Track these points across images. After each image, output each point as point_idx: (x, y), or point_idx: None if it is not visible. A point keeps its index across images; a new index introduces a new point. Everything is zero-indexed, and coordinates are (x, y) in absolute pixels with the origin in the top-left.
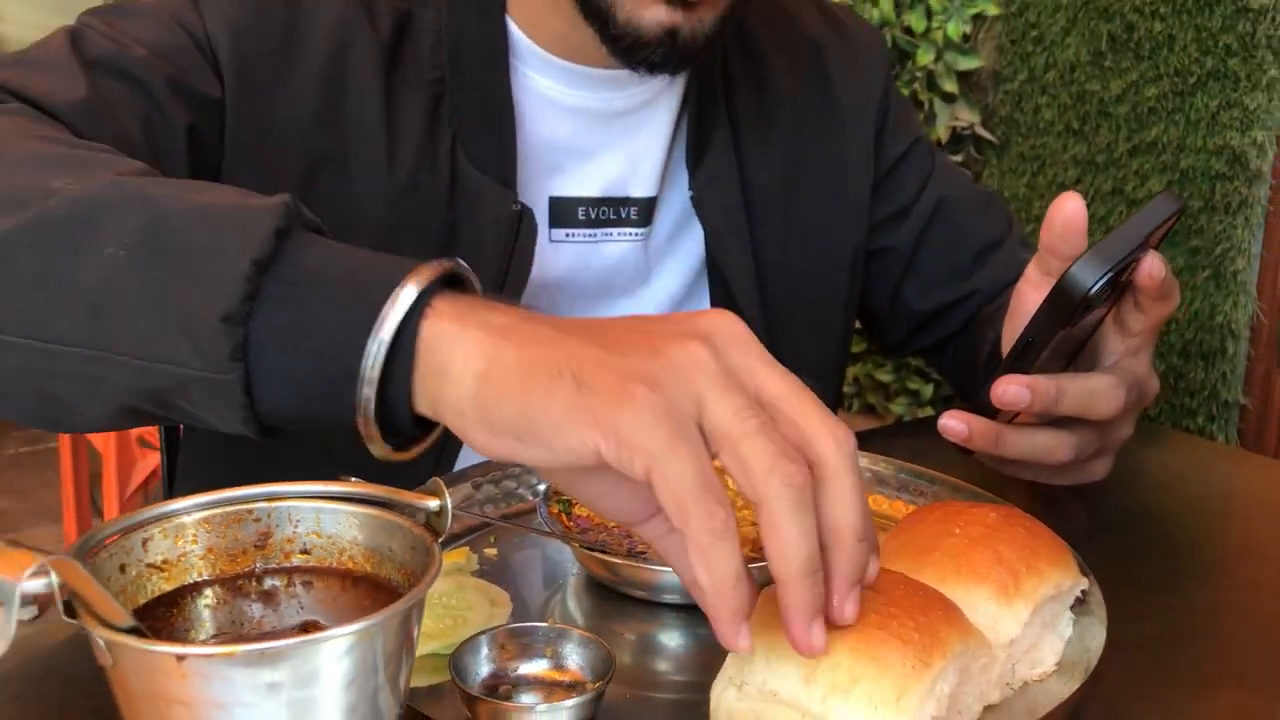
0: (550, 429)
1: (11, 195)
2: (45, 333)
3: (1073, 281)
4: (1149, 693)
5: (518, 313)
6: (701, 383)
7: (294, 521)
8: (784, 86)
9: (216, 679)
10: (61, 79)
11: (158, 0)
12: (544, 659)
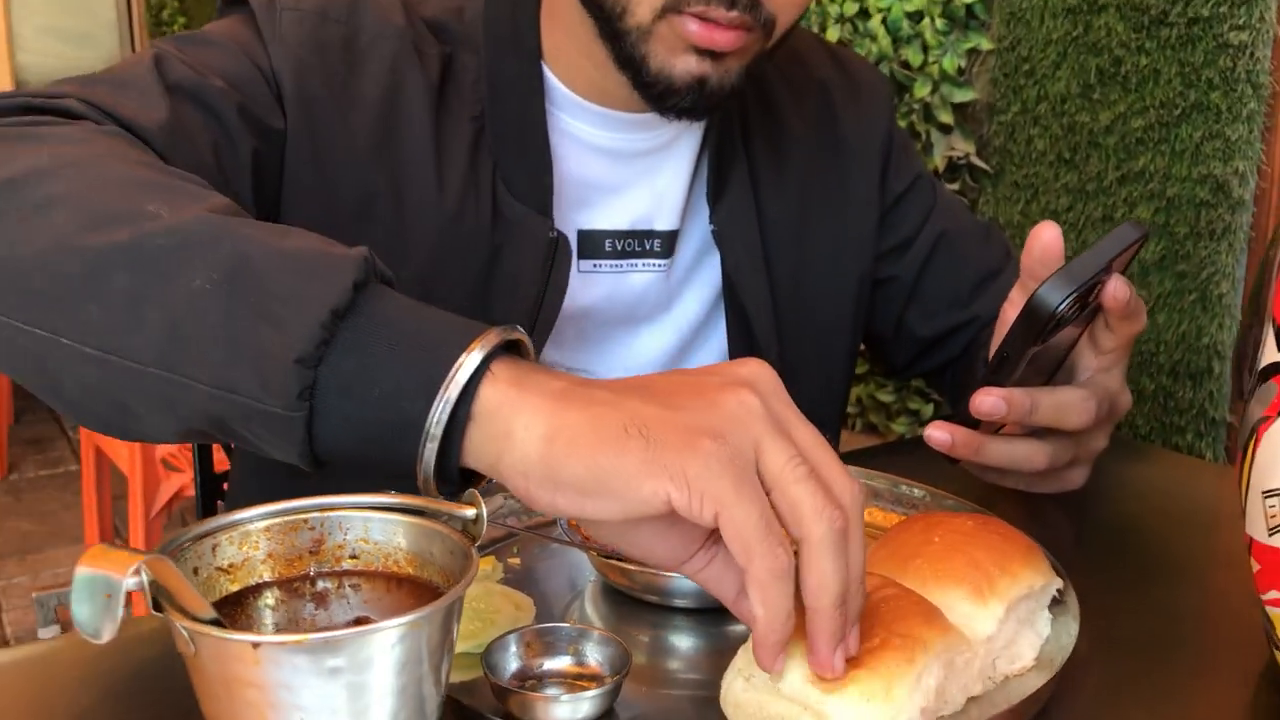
0: (623, 483)
1: (111, 214)
2: (126, 350)
3: (1041, 301)
4: (1121, 685)
5: (570, 378)
6: (757, 430)
7: (344, 529)
8: (795, 127)
9: (285, 664)
10: (146, 101)
11: (229, 33)
12: (567, 656)
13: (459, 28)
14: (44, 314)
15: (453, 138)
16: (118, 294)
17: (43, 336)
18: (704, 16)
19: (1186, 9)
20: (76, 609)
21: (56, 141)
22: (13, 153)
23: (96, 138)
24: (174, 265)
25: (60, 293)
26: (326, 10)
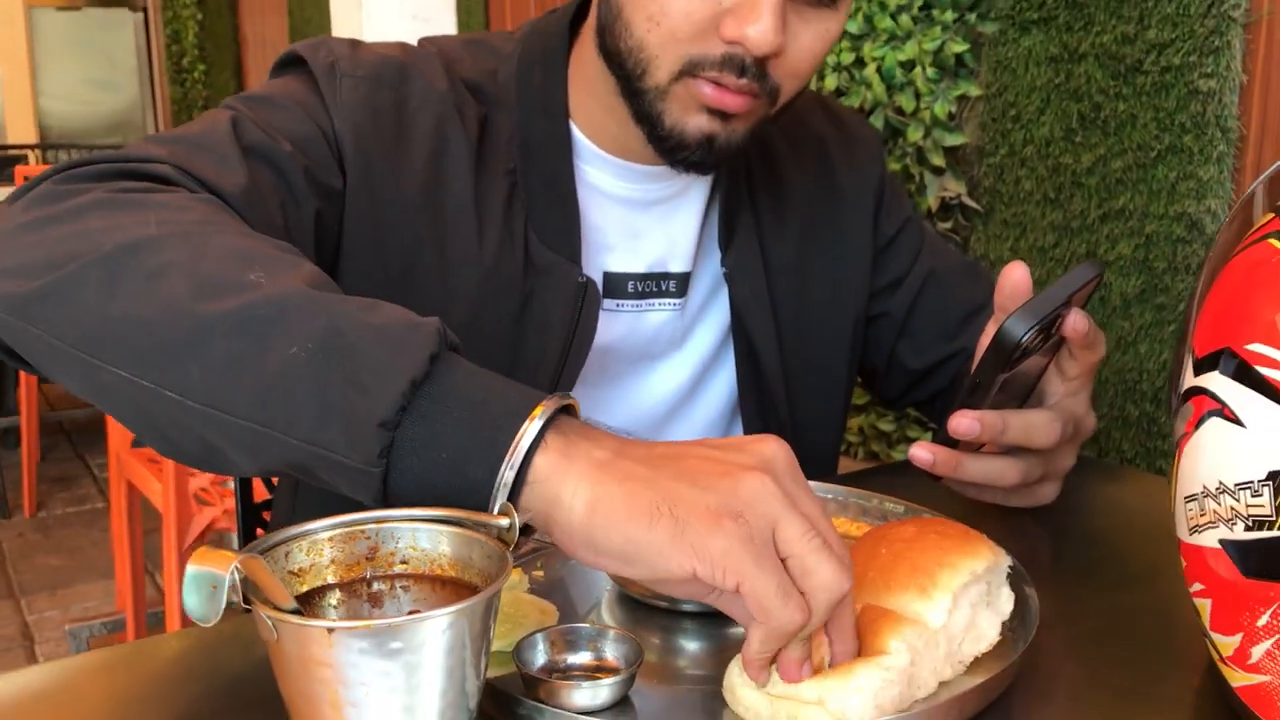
0: (655, 556)
1: (217, 283)
2: (224, 404)
3: (1006, 333)
4: (1081, 671)
5: (612, 444)
6: (774, 510)
7: (396, 538)
8: (795, 178)
9: (354, 647)
10: (225, 164)
11: (294, 95)
12: (587, 652)
13: (493, 89)
14: (152, 370)
15: (490, 192)
16: (220, 357)
17: (148, 388)
18: (717, 81)
19: (1160, 58)
20: (187, 599)
21: (159, 209)
22: (123, 220)
23: (194, 205)
24: (272, 332)
25: (169, 353)
26: (380, 76)
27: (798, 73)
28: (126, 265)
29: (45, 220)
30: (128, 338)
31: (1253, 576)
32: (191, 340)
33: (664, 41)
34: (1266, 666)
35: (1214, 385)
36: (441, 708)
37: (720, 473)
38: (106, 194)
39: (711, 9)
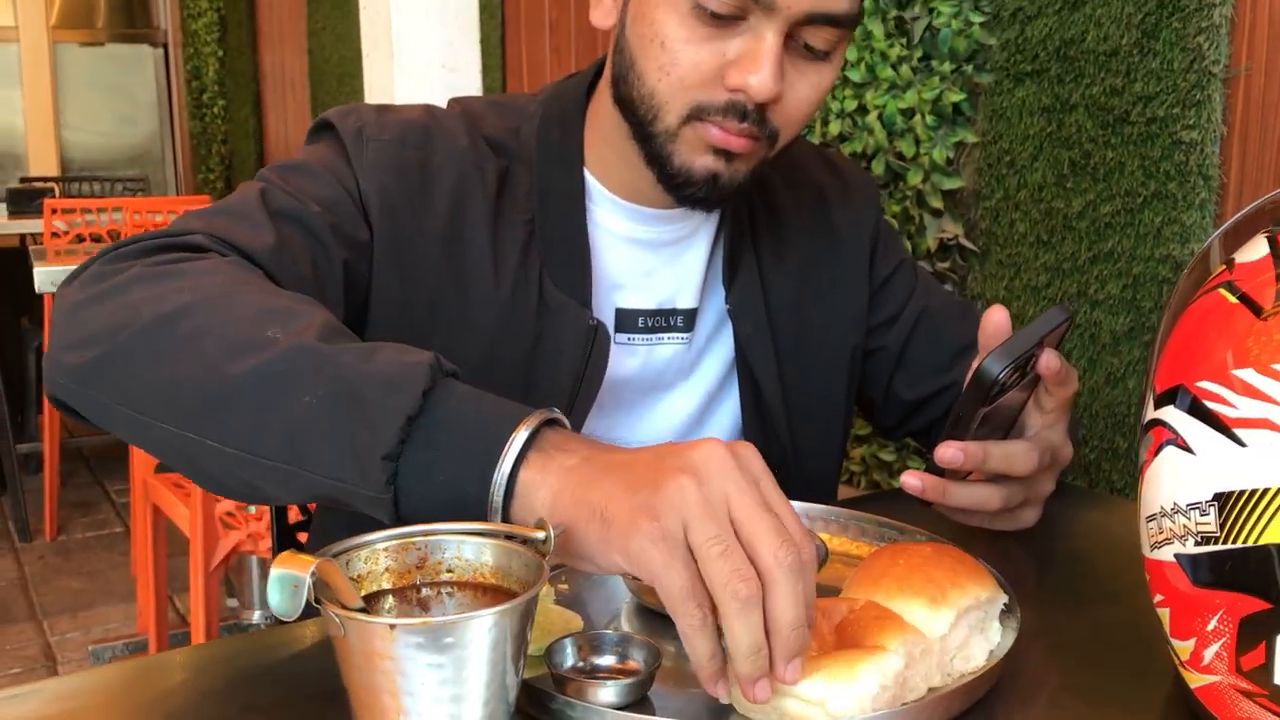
0: (591, 553)
1: (241, 344)
2: (255, 449)
3: (984, 370)
4: (1056, 676)
5: (584, 453)
6: (687, 512)
7: (443, 549)
8: (795, 222)
9: (412, 642)
10: (256, 229)
11: (322, 160)
12: (611, 655)
13: (514, 145)
14: (192, 423)
15: (507, 240)
16: (247, 409)
17: (191, 438)
18: (721, 125)
19: (1146, 109)
20: (272, 597)
21: (195, 275)
22: (164, 290)
23: (223, 269)
24: (290, 386)
25: (206, 407)
26: (405, 138)
27: (794, 118)
28: (164, 333)
29: (97, 297)
30: (172, 398)
31: (1202, 586)
32: (225, 396)
33: (673, 89)
34: (1216, 667)
35: (1170, 418)
36: (486, 698)
37: (649, 478)
38: (146, 268)
39: (717, 60)
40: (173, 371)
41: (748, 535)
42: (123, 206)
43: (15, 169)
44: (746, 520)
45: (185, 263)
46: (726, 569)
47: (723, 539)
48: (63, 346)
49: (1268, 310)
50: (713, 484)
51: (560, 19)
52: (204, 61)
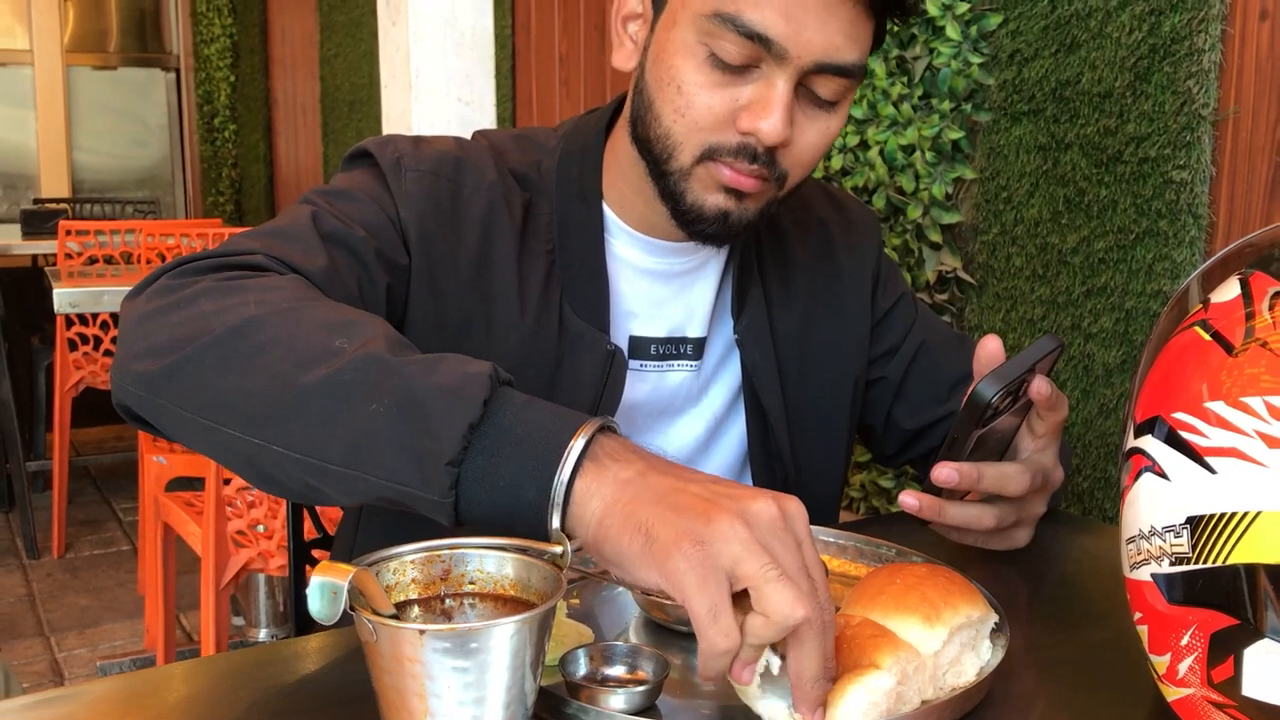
0: (630, 566)
1: (310, 354)
2: (321, 455)
3: (978, 395)
4: (1044, 690)
5: (639, 467)
6: (736, 549)
7: (466, 563)
8: (800, 257)
9: (440, 647)
10: (309, 250)
11: (364, 187)
12: (621, 665)
13: (537, 179)
14: (261, 430)
15: (531, 269)
16: (316, 416)
17: (258, 444)
18: (733, 165)
19: (1138, 150)
20: (312, 602)
21: (259, 291)
22: (231, 303)
23: (285, 285)
24: (357, 396)
25: (275, 416)
26: (439, 170)
27: (802, 162)
28: (234, 344)
29: (165, 309)
30: (239, 405)
31: (1176, 604)
32: (293, 404)
33: (688, 130)
34: (1190, 680)
35: (1148, 446)
36: (506, 700)
37: (702, 508)
38: (213, 283)
39: (730, 105)
40: (242, 380)
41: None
42: (138, 229)
43: (27, 189)
44: (784, 560)
45: (249, 279)
46: (789, 593)
47: (777, 566)
48: (132, 356)
49: (1238, 347)
50: (762, 533)
51: (570, 52)
52: (216, 86)
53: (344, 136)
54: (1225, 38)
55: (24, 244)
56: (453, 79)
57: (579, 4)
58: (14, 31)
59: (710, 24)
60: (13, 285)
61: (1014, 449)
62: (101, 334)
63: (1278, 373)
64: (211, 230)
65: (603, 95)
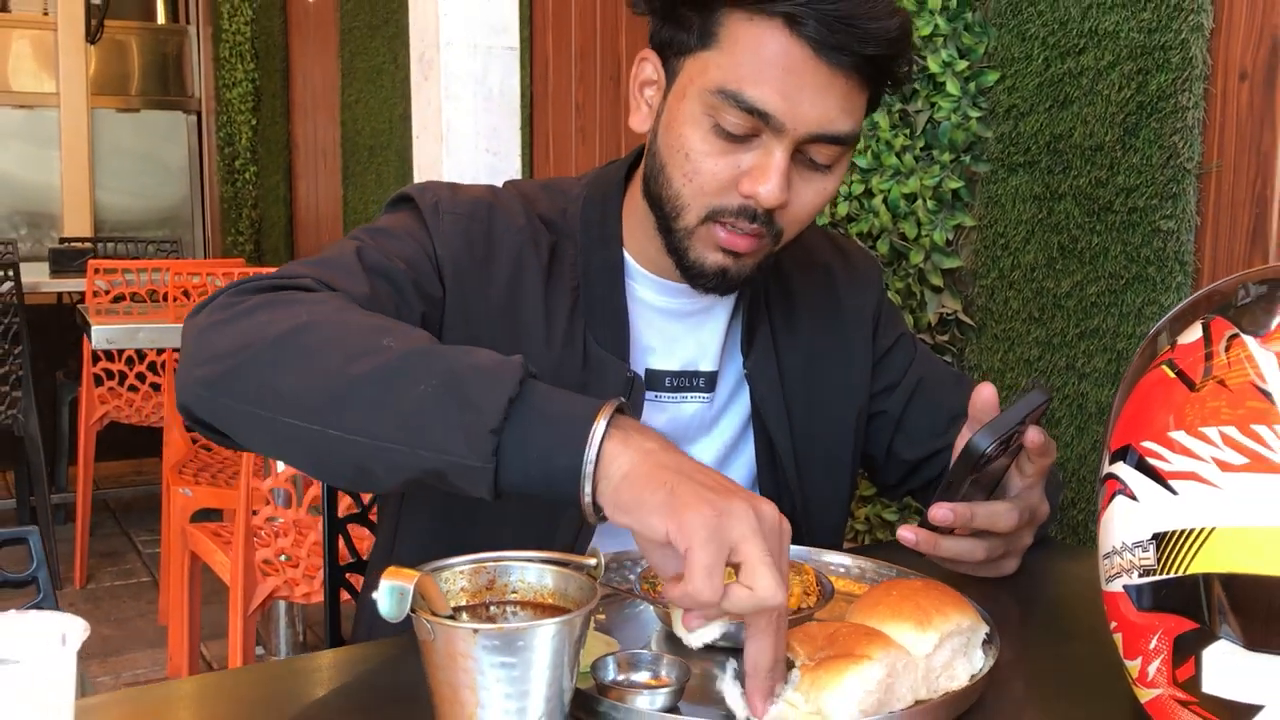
0: (646, 513)
1: (360, 350)
2: (375, 434)
3: (973, 445)
4: (1031, 696)
5: (659, 441)
6: (744, 529)
7: (509, 573)
8: (805, 299)
9: (490, 645)
10: (353, 279)
11: (404, 226)
12: (646, 670)
13: (563, 223)
14: (318, 417)
15: (557, 303)
16: (369, 400)
17: (315, 429)
18: (733, 225)
19: (1128, 200)
20: (382, 603)
21: (310, 303)
22: (283, 314)
23: (333, 300)
24: (406, 379)
25: (330, 403)
26: (473, 214)
27: (799, 219)
28: (290, 345)
29: (224, 321)
30: (297, 397)
31: (1144, 611)
32: (347, 392)
33: (695, 194)
34: (1158, 681)
35: (1121, 472)
36: (547, 695)
37: (720, 491)
38: (267, 299)
39: (733, 170)
40: (298, 375)
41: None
42: (165, 268)
43: (50, 228)
44: (776, 554)
45: (299, 293)
46: (774, 579)
47: (771, 557)
48: (195, 363)
49: (1198, 384)
50: (764, 527)
51: (586, 101)
52: (237, 129)
53: (363, 180)
54: (1208, 96)
55: (53, 281)
56: (481, 132)
57: (594, 54)
58: (40, 75)
59: (715, 99)
60: (39, 321)
61: (1004, 487)
62: (127, 369)
63: (1232, 406)
64: (237, 269)
65: (617, 142)
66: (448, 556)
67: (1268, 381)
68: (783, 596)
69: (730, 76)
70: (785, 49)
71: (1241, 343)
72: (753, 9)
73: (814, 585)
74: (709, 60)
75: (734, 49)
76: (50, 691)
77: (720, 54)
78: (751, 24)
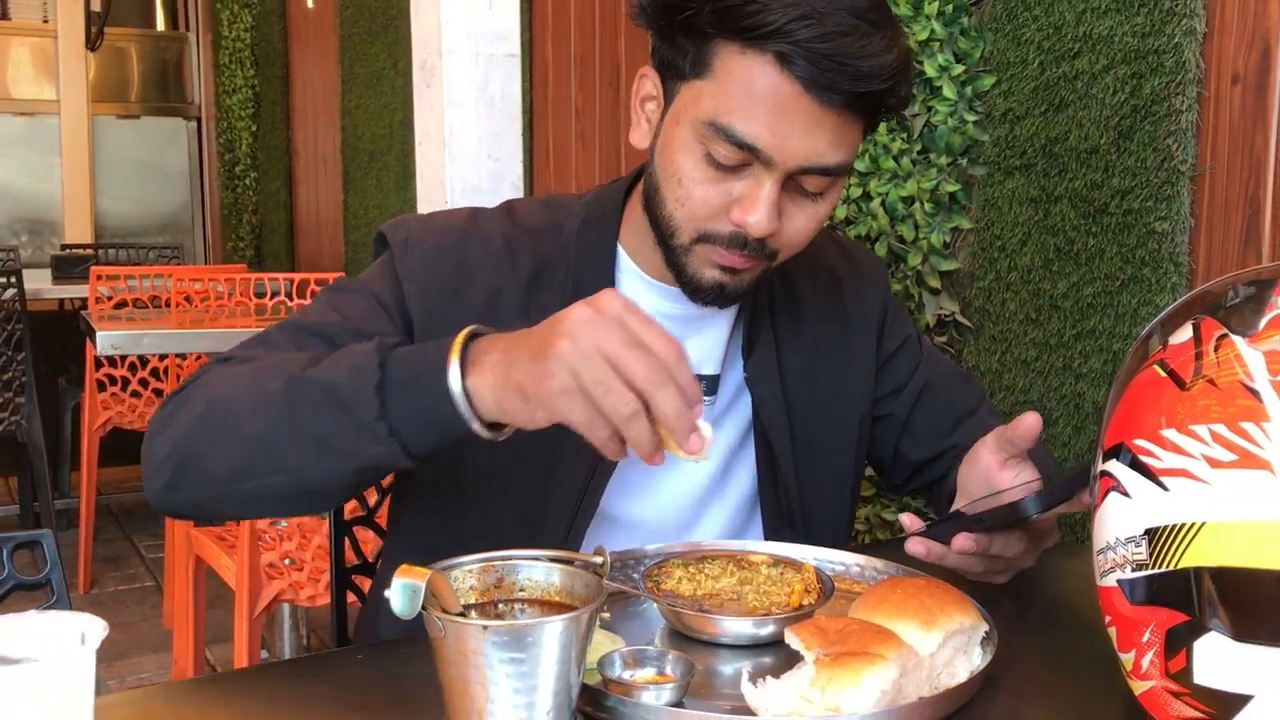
0: (528, 421)
1: (253, 402)
2: (300, 465)
3: (1022, 509)
4: (1030, 690)
5: (501, 344)
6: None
7: (516, 571)
8: (809, 302)
9: (500, 641)
10: (278, 349)
11: (370, 276)
12: (651, 667)
13: (557, 238)
14: (252, 475)
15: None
16: (279, 444)
17: (259, 484)
18: (726, 249)
19: (1123, 202)
20: (394, 601)
21: (209, 384)
22: (189, 407)
23: (229, 367)
24: (294, 409)
25: (254, 462)
26: (442, 246)
27: (793, 243)
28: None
29: (157, 433)
30: (229, 469)
31: (1137, 604)
32: (259, 445)
33: (686, 218)
34: (1151, 673)
35: (1114, 469)
36: (555, 689)
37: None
38: (180, 398)
39: (724, 198)
40: (218, 452)
41: (621, 370)
42: (169, 274)
43: (51, 235)
44: (615, 359)
45: (195, 381)
46: (611, 401)
47: (604, 380)
48: (149, 476)
49: (1188, 383)
50: (584, 340)
51: (585, 106)
52: (237, 135)
53: (364, 185)
54: (1201, 99)
55: (55, 288)
56: (483, 138)
57: (594, 61)
58: (41, 83)
59: (706, 130)
60: (40, 328)
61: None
62: (129, 375)
63: (1222, 405)
64: (238, 275)
65: (617, 148)
66: (448, 545)
67: (1255, 380)
68: (654, 360)
69: (721, 109)
70: (775, 85)
71: (1230, 343)
72: (745, 43)
73: (815, 583)
74: (702, 90)
75: (726, 81)
76: (70, 690)
77: (713, 84)
78: (744, 58)
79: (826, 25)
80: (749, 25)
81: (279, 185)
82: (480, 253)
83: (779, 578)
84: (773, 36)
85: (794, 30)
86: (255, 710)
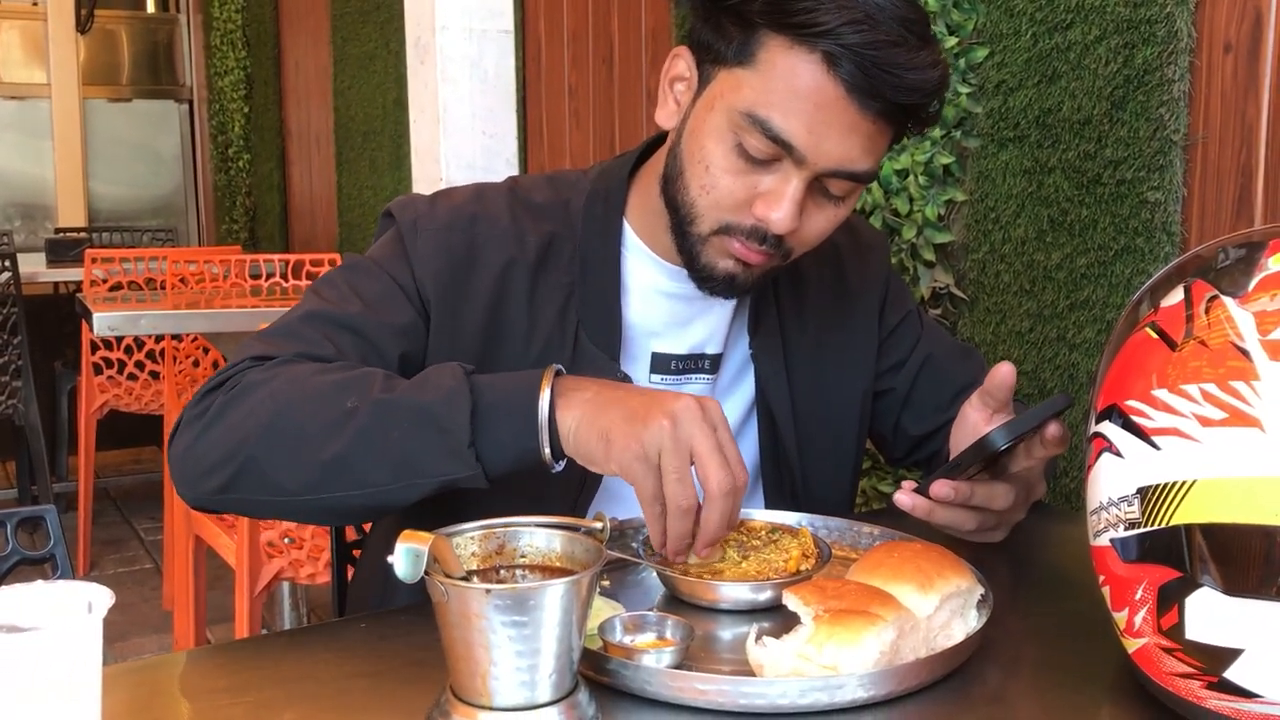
0: (597, 462)
1: (332, 420)
2: (376, 483)
3: (989, 441)
4: (1025, 649)
5: (595, 387)
6: (663, 446)
7: (518, 538)
8: (813, 278)
9: (502, 604)
10: (309, 343)
11: (382, 255)
12: (652, 632)
13: (564, 215)
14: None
15: (546, 301)
16: (357, 463)
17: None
18: (744, 242)
19: (1115, 172)
20: (398, 565)
21: (265, 385)
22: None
23: (286, 370)
24: (380, 430)
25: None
26: (452, 224)
27: (807, 242)
28: (271, 439)
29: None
30: (299, 481)
31: (1130, 562)
32: (340, 461)
33: (709, 206)
34: (1144, 630)
35: (1107, 430)
36: (557, 652)
37: (641, 416)
38: (226, 398)
39: (749, 191)
40: (290, 465)
41: (701, 468)
42: (163, 256)
43: (44, 219)
44: (701, 457)
45: (238, 381)
46: (679, 490)
47: (680, 470)
48: (196, 476)
49: (1179, 344)
50: (682, 429)
51: (579, 84)
52: (230, 117)
53: (358, 166)
54: (1193, 69)
55: (50, 271)
56: (477, 115)
57: (587, 38)
58: (31, 66)
59: (742, 120)
60: (35, 312)
61: (1006, 462)
62: (125, 358)
63: (1212, 365)
64: (233, 257)
65: (611, 127)
66: (446, 516)
67: (1246, 340)
68: (729, 478)
69: (761, 101)
70: (819, 85)
71: (1221, 304)
72: (794, 39)
73: (812, 548)
74: (743, 79)
75: (770, 74)
76: (78, 658)
77: (755, 75)
78: (791, 53)
79: (878, 33)
80: (801, 22)
81: (272, 167)
82: (489, 231)
83: (776, 544)
84: (824, 36)
85: (845, 33)
86: (260, 680)
